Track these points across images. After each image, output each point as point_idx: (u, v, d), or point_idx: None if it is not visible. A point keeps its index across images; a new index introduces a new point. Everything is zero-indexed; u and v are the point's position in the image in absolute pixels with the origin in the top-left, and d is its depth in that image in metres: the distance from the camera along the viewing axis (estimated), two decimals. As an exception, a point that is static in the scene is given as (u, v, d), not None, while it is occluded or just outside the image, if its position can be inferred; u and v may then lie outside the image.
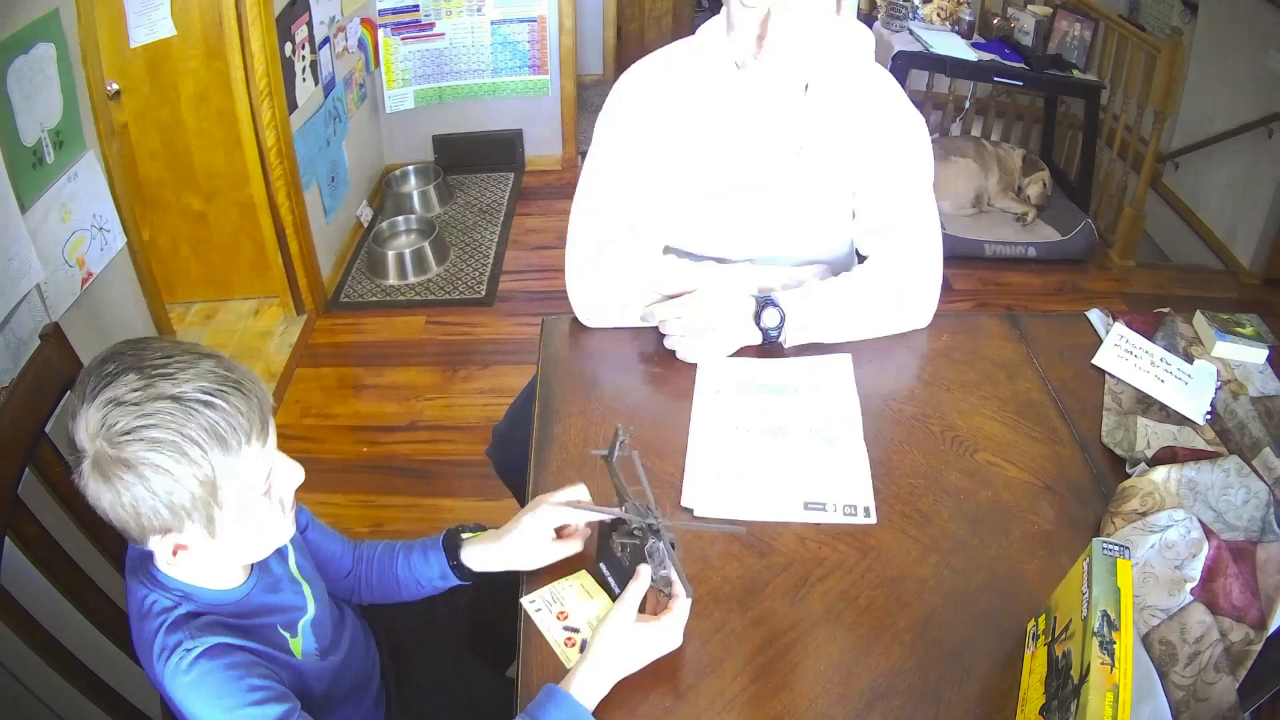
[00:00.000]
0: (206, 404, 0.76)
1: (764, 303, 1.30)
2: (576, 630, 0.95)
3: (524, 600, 0.98)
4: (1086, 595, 0.81)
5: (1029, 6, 3.41)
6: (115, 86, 2.39)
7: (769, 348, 1.32)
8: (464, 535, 1.08)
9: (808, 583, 1.01)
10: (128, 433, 0.74)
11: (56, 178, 1.42)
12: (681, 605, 0.91)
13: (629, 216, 1.35)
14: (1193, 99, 3.51)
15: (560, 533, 1.02)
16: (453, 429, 2.51)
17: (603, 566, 1.00)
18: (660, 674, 0.91)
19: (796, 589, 1.00)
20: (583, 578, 1.01)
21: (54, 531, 1.06)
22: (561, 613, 0.97)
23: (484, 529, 1.09)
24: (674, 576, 0.91)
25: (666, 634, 0.90)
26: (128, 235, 1.64)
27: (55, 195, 1.41)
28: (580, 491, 1.02)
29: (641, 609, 0.91)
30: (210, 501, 0.78)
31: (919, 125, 1.34)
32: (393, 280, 3.15)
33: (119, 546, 1.16)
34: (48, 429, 1.08)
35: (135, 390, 0.75)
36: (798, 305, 1.31)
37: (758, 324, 1.30)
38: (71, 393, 0.79)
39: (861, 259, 1.41)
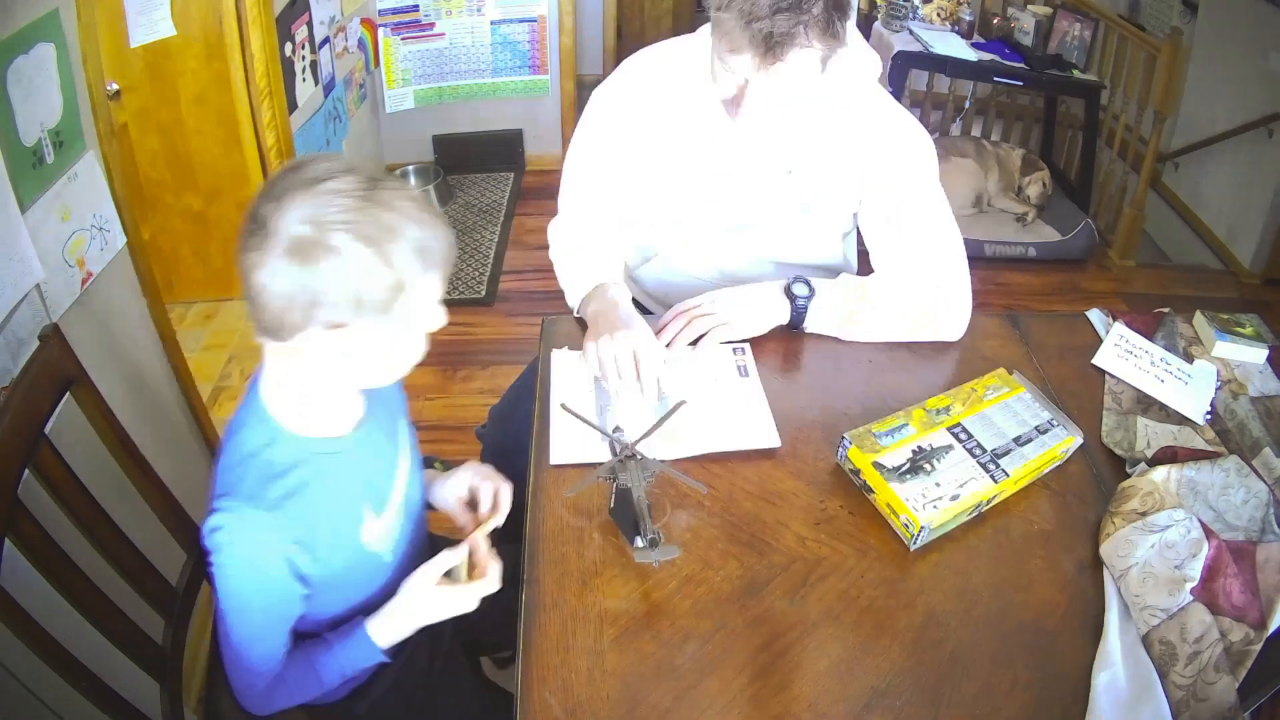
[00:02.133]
0: (418, 222, 0.81)
1: (793, 279, 1.33)
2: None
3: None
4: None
5: (1029, 6, 3.41)
6: (115, 86, 2.39)
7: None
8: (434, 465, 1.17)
9: (808, 583, 1.01)
10: (346, 222, 0.77)
11: (56, 178, 1.41)
12: (493, 578, 0.99)
13: (608, 198, 1.41)
14: (1193, 99, 3.51)
15: (474, 509, 1.08)
16: (453, 429, 2.51)
17: (615, 518, 1.06)
18: (660, 674, 0.91)
19: (796, 589, 1.00)
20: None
21: (54, 532, 1.06)
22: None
23: (447, 466, 1.17)
24: (640, 505, 0.98)
25: (464, 598, 0.98)
26: (128, 235, 1.64)
27: (55, 195, 1.41)
28: (495, 492, 1.08)
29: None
30: (391, 304, 0.81)
31: (925, 144, 1.33)
32: (393, 280, 3.14)
33: (119, 546, 1.17)
34: (47, 430, 1.08)
35: (359, 189, 0.78)
36: (827, 284, 1.33)
37: (788, 294, 1.32)
38: (270, 183, 0.80)
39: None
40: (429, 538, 1.22)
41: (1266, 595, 0.96)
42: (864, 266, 1.53)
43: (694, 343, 1.30)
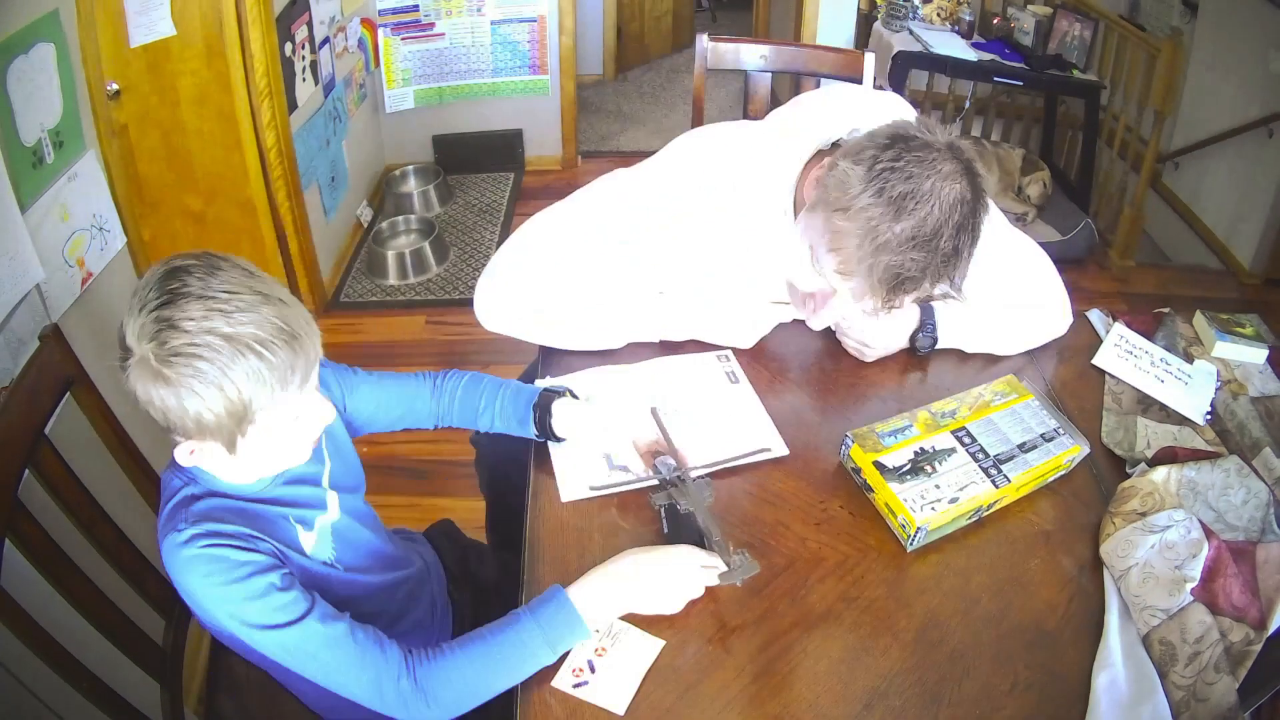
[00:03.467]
0: (255, 351, 0.80)
1: (922, 322, 1.29)
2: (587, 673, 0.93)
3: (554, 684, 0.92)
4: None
5: (1029, 6, 3.41)
6: (115, 86, 2.38)
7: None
8: (558, 395, 1.15)
9: (808, 583, 1.01)
10: (176, 355, 0.78)
11: (56, 178, 1.41)
12: (711, 563, 0.96)
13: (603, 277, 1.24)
14: (1193, 99, 3.51)
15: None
16: (452, 429, 2.51)
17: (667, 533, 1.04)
18: (660, 674, 0.91)
19: (796, 589, 1.00)
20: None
21: (54, 533, 1.06)
22: (577, 669, 0.92)
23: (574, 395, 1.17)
24: (708, 524, 0.97)
25: (685, 577, 0.94)
26: (128, 235, 1.64)
27: (55, 195, 1.41)
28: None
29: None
30: (235, 429, 0.83)
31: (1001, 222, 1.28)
32: (393, 280, 3.14)
33: (119, 546, 1.17)
34: (47, 430, 1.08)
35: (193, 320, 0.78)
36: (951, 326, 1.30)
37: (912, 342, 1.30)
38: (133, 292, 0.82)
39: None
40: (429, 551, 1.23)
41: (1266, 595, 0.96)
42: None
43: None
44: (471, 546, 1.38)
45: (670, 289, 1.28)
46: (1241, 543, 1.02)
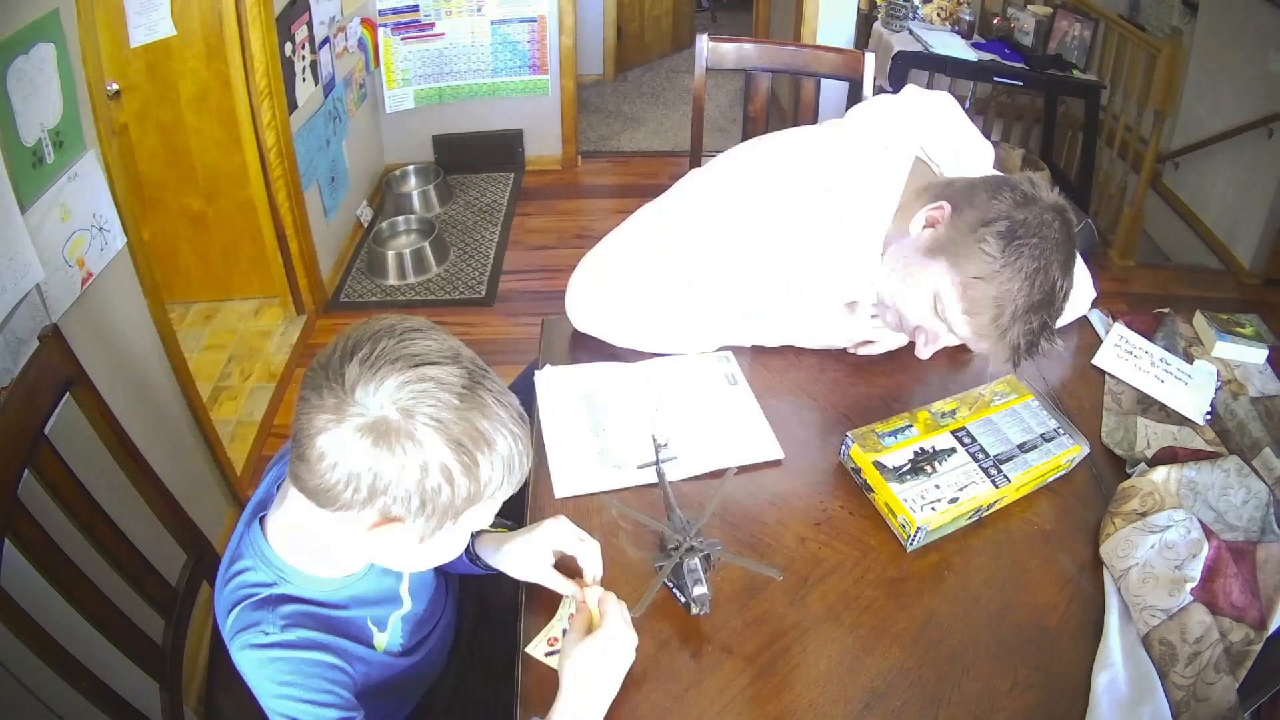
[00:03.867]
0: (513, 436, 0.74)
1: None
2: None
3: (529, 650, 0.93)
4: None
5: (1029, 6, 3.41)
6: (115, 86, 2.39)
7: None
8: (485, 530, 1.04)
9: (808, 583, 1.01)
10: (440, 421, 0.70)
11: (56, 178, 1.41)
12: (612, 605, 0.89)
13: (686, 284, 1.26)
14: (1193, 99, 3.51)
15: (559, 563, 0.98)
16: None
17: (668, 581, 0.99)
18: (660, 674, 0.91)
19: (796, 589, 1.00)
20: (569, 606, 0.97)
21: (53, 533, 1.06)
22: (552, 639, 0.94)
23: (509, 527, 1.07)
24: (693, 594, 0.93)
25: (617, 637, 0.87)
26: (128, 235, 1.64)
27: (55, 195, 1.41)
28: (593, 551, 0.97)
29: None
30: (452, 517, 0.75)
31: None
32: (393, 280, 3.14)
33: (119, 546, 1.17)
34: (47, 430, 1.08)
35: (459, 380, 0.71)
36: None
37: None
38: (359, 340, 0.72)
39: None
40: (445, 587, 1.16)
41: (1266, 595, 0.96)
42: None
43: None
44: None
45: (757, 302, 1.28)
46: (1241, 543, 1.02)
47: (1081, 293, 1.37)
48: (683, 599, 0.96)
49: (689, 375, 1.27)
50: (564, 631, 0.92)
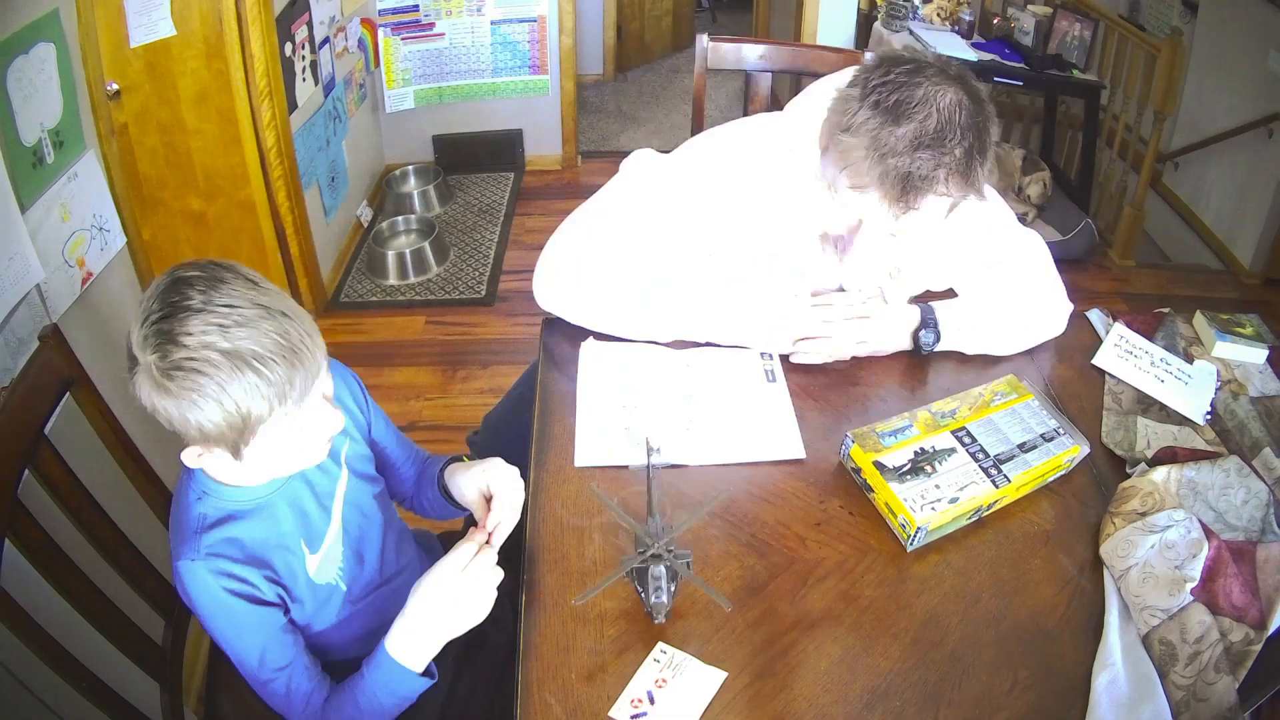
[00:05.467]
0: (253, 368, 0.80)
1: (925, 320, 1.28)
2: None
3: (612, 714, 0.89)
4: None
5: (1029, 6, 3.41)
6: (115, 86, 2.38)
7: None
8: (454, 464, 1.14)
9: (808, 583, 1.01)
10: (176, 368, 0.79)
11: (56, 178, 1.41)
12: (486, 555, 0.95)
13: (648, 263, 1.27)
14: (1193, 99, 3.51)
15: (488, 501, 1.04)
16: (453, 429, 2.51)
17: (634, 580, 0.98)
18: (660, 674, 0.91)
19: (796, 589, 1.00)
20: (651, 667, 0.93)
21: (53, 533, 1.06)
22: (636, 699, 0.90)
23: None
24: (665, 601, 0.92)
25: (472, 585, 0.93)
26: (128, 235, 1.64)
27: (55, 195, 1.41)
28: (506, 507, 1.02)
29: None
30: (237, 439, 0.84)
31: (1034, 243, 1.34)
32: (393, 280, 3.14)
33: (119, 546, 1.17)
34: (47, 430, 1.08)
35: (191, 335, 0.79)
36: (953, 325, 1.29)
37: (915, 340, 1.29)
38: (141, 298, 0.83)
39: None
40: (418, 550, 1.22)
41: (1266, 595, 0.96)
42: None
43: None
44: None
45: (715, 263, 1.30)
46: (1241, 543, 1.02)
47: (1051, 308, 1.35)
48: (646, 605, 0.95)
49: (729, 367, 1.28)
50: (649, 694, 0.90)
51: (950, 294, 1.39)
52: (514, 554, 1.05)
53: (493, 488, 1.04)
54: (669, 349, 1.30)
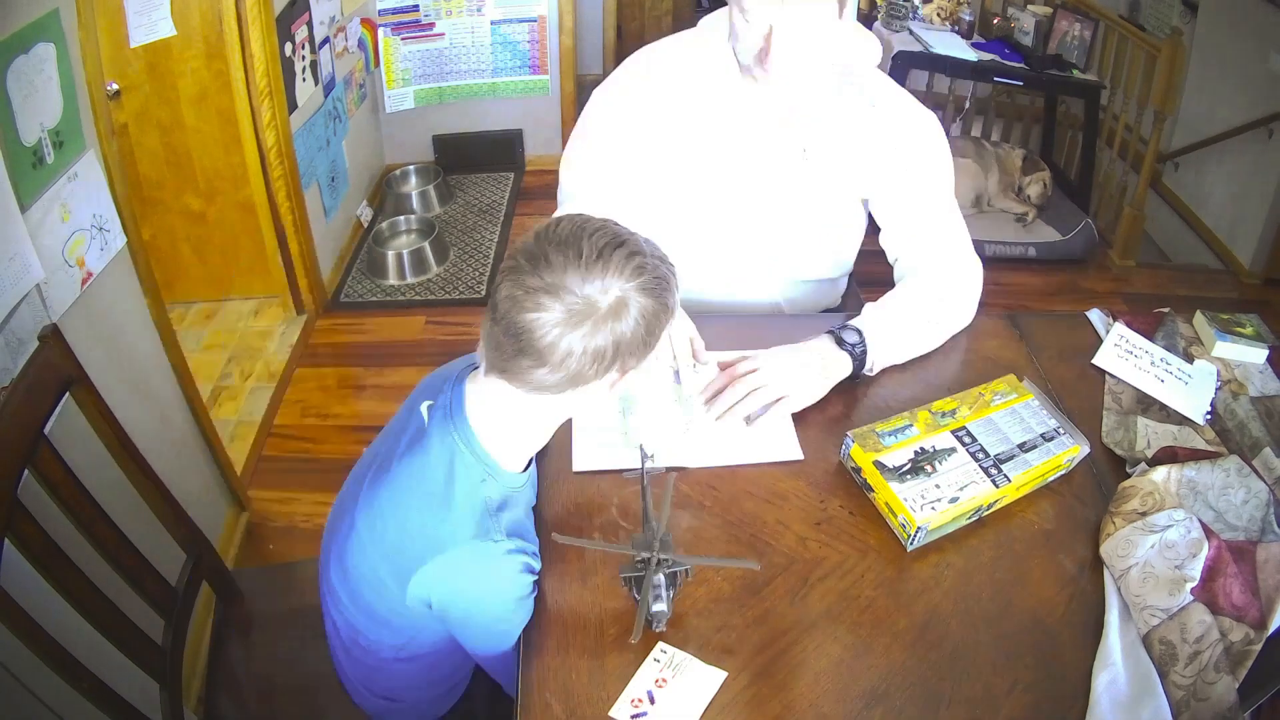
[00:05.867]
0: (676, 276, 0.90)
1: (839, 335, 1.24)
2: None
3: (612, 713, 0.90)
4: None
5: (1029, 6, 3.41)
6: (115, 86, 2.39)
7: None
8: None
9: (808, 583, 1.01)
10: (644, 287, 0.84)
11: (56, 178, 1.41)
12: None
13: (617, 195, 1.35)
14: (1193, 99, 3.51)
15: None
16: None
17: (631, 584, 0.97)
18: (660, 674, 0.91)
19: (796, 589, 1.00)
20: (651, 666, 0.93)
21: (53, 533, 1.06)
22: (636, 699, 0.90)
23: None
24: (665, 609, 0.92)
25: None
26: (128, 235, 1.64)
27: (55, 195, 1.41)
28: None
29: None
30: (657, 339, 0.90)
31: (934, 126, 1.34)
32: (393, 280, 3.14)
33: (119, 546, 1.17)
34: (47, 430, 1.08)
35: (642, 255, 0.86)
36: (871, 322, 1.26)
37: (841, 346, 1.23)
38: (563, 247, 0.84)
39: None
40: None
41: (1266, 595, 0.96)
42: (864, 264, 1.53)
43: (748, 418, 1.18)
44: None
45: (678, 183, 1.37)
46: (1241, 542, 1.02)
47: (962, 297, 1.36)
48: (645, 614, 0.93)
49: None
50: (649, 694, 0.90)
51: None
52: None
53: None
54: (664, 352, 1.28)
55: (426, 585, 0.92)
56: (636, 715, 0.88)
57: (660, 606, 0.91)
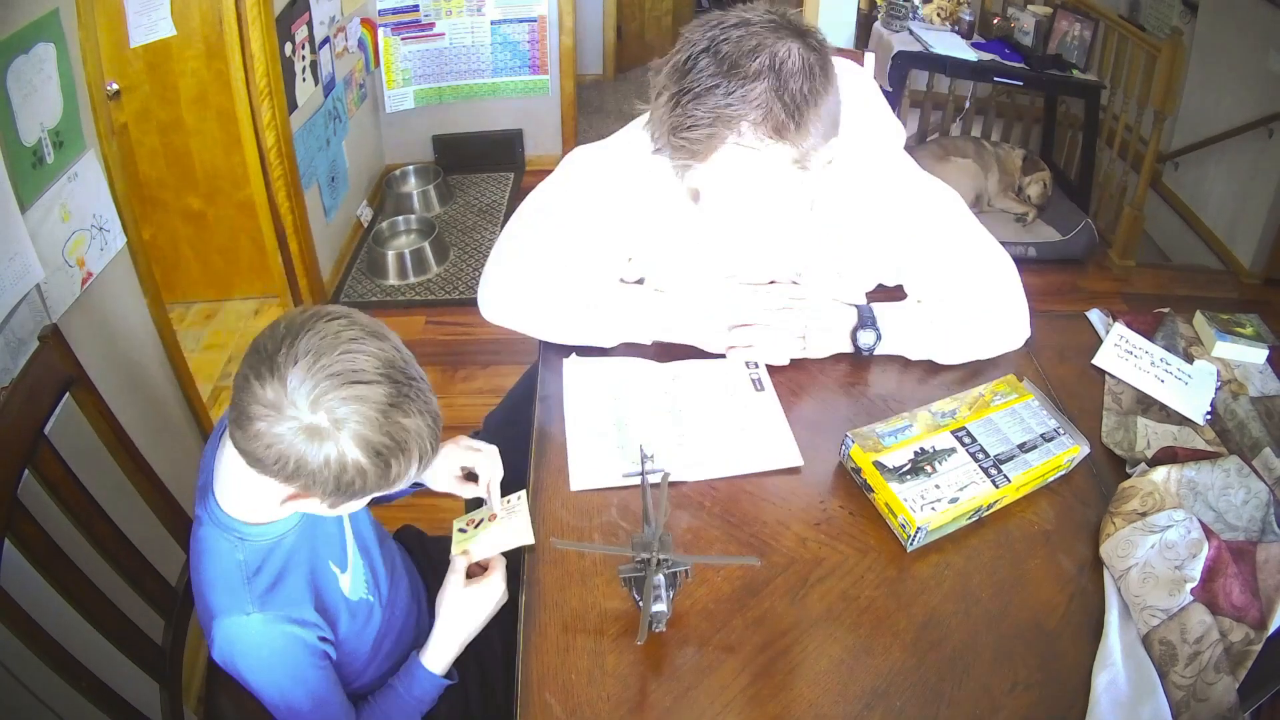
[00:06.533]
0: (426, 440, 0.85)
1: (864, 320, 1.23)
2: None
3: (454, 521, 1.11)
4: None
5: (1029, 6, 3.41)
6: (115, 86, 2.39)
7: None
8: None
9: (808, 583, 1.01)
10: (363, 435, 0.80)
11: (56, 178, 1.41)
12: (499, 565, 1.06)
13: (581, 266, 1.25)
14: (1193, 99, 3.51)
15: (467, 476, 1.14)
16: (452, 429, 2.48)
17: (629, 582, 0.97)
18: (660, 674, 0.91)
19: (796, 589, 1.00)
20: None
21: (53, 533, 1.06)
22: (472, 520, 1.11)
23: None
24: (666, 609, 0.92)
25: (491, 590, 1.05)
26: (128, 235, 1.64)
27: (55, 195, 1.41)
28: (490, 457, 1.11)
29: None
30: (361, 497, 0.87)
31: (953, 197, 1.27)
32: (393, 280, 3.14)
33: (119, 546, 1.17)
34: (47, 430, 1.08)
35: (385, 398, 0.81)
36: (896, 327, 1.25)
37: (854, 341, 1.24)
38: (296, 341, 0.80)
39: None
40: (402, 553, 1.25)
41: (1266, 595, 0.96)
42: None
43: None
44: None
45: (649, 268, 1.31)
46: (1241, 543, 1.02)
47: (1010, 320, 1.28)
48: (645, 615, 0.93)
49: (715, 378, 1.25)
50: (480, 521, 1.09)
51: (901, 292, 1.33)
52: (515, 554, 1.06)
53: (465, 462, 1.12)
54: (653, 363, 1.27)
55: (219, 661, 0.93)
56: (462, 530, 1.10)
57: (660, 607, 0.91)
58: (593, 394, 1.23)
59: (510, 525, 1.07)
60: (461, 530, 1.11)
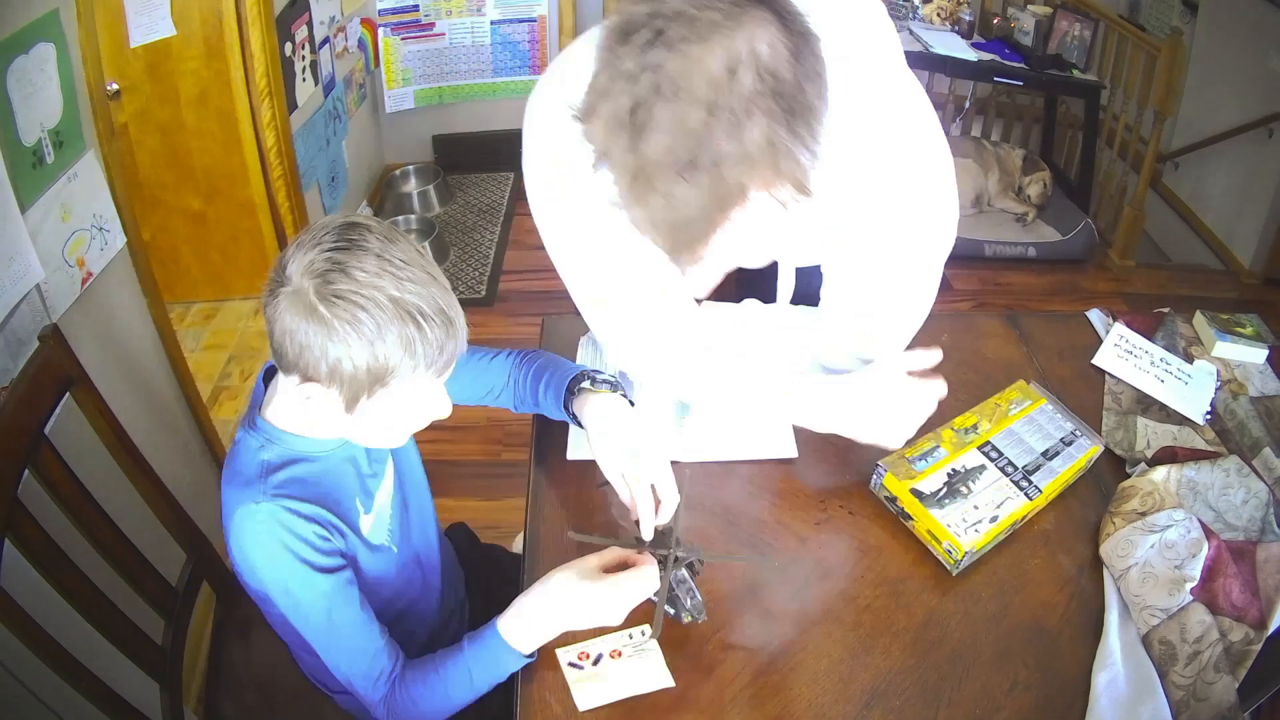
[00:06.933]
0: (415, 321, 0.80)
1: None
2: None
3: (558, 651, 0.94)
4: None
5: (1029, 6, 3.41)
6: (115, 86, 2.39)
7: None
8: (584, 385, 1.08)
9: (808, 583, 1.01)
10: (339, 297, 0.78)
11: (56, 178, 1.41)
12: (644, 578, 0.90)
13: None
14: (1193, 99, 3.51)
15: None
16: (453, 429, 2.48)
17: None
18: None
19: (797, 589, 1.00)
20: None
21: (54, 533, 1.06)
22: (583, 654, 0.94)
23: (612, 387, 1.08)
24: (687, 605, 0.92)
25: (612, 597, 0.89)
26: (128, 235, 1.64)
27: (55, 195, 1.41)
28: (668, 500, 0.98)
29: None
30: (366, 389, 0.82)
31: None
32: (393, 280, 3.14)
33: (119, 546, 1.17)
34: (47, 430, 1.08)
35: (365, 272, 0.79)
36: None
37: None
38: (305, 230, 0.82)
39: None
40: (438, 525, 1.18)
41: (1266, 595, 0.96)
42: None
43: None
44: (489, 551, 1.41)
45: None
46: (1241, 542, 1.02)
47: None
48: (672, 611, 0.94)
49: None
50: (598, 656, 0.93)
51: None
52: (515, 555, 1.06)
53: (649, 483, 0.98)
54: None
55: (232, 559, 0.89)
56: (573, 664, 0.92)
57: (696, 599, 0.93)
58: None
59: (644, 665, 0.92)
60: (574, 665, 0.92)
